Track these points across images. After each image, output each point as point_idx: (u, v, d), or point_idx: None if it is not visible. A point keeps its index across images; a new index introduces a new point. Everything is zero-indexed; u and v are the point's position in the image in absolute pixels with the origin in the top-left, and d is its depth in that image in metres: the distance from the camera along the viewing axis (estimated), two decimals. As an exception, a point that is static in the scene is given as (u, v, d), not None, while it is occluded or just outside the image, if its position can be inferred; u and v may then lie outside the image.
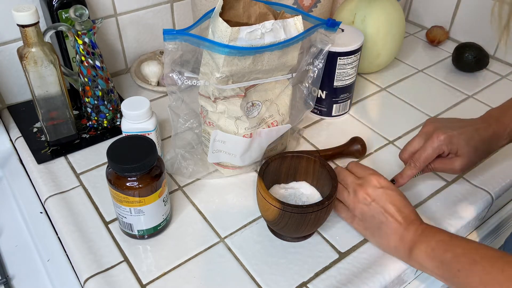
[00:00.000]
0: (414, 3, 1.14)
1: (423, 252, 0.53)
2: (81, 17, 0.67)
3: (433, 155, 0.63)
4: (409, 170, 0.64)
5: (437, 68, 0.98)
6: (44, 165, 0.71)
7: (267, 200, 0.55)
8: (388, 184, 0.59)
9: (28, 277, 0.58)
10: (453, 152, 0.63)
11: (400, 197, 0.58)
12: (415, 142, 0.65)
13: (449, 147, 0.62)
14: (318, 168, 0.62)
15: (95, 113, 0.76)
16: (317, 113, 0.83)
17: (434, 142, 0.62)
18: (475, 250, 0.49)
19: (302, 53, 0.67)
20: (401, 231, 0.55)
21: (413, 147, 0.65)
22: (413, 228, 0.55)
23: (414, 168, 0.64)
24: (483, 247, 0.50)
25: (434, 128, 0.64)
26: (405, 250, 0.55)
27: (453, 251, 0.50)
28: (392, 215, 0.56)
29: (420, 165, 0.63)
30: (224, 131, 0.65)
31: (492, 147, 0.64)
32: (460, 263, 0.49)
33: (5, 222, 0.65)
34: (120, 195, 0.55)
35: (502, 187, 0.70)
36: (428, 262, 0.52)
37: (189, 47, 0.60)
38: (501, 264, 0.46)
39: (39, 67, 0.66)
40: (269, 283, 0.56)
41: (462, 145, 0.62)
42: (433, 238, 0.53)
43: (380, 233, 0.57)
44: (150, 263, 0.58)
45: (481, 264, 0.47)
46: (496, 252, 0.49)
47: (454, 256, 0.50)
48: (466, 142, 0.62)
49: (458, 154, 0.63)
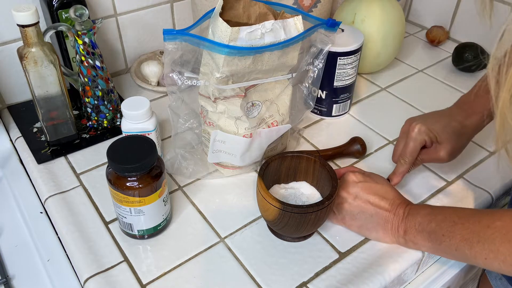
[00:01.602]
0: (414, 3, 1.14)
1: (413, 229, 0.55)
2: (81, 17, 0.67)
3: (416, 147, 0.65)
4: (400, 167, 0.66)
5: (437, 68, 0.98)
6: (44, 165, 0.71)
7: (267, 200, 0.55)
8: (365, 177, 0.60)
9: (28, 277, 0.58)
10: (434, 140, 0.65)
11: (380, 185, 0.59)
12: (399, 143, 0.68)
13: (429, 136, 0.64)
14: (318, 168, 0.62)
15: (95, 113, 0.76)
16: (317, 113, 0.83)
17: (412, 135, 0.65)
18: (453, 213, 0.53)
19: (302, 53, 0.67)
20: (392, 217, 0.57)
21: (398, 147, 0.67)
22: (401, 211, 0.57)
23: (404, 164, 0.65)
24: (460, 209, 0.54)
25: (410, 124, 0.66)
26: (399, 234, 0.57)
27: (435, 220, 0.53)
28: (378, 205, 0.58)
29: (408, 160, 0.65)
30: (224, 131, 0.65)
31: (474, 129, 0.65)
32: (442, 228, 0.52)
33: (5, 222, 0.65)
34: (120, 195, 0.55)
35: (502, 187, 0.70)
36: (418, 238, 0.55)
37: (189, 47, 0.60)
38: (477, 217, 0.50)
39: (39, 67, 0.66)
40: (269, 283, 0.56)
41: (440, 132, 0.64)
42: (418, 214, 0.56)
43: (375, 226, 0.59)
44: (150, 263, 0.58)
45: (460, 223, 0.51)
46: (472, 210, 0.53)
47: (437, 224, 0.53)
48: (443, 129, 0.64)
49: (439, 142, 0.64)
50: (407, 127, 0.67)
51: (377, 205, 0.58)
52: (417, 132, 0.64)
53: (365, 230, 0.60)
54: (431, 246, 0.54)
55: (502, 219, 0.47)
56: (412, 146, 0.65)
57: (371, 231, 0.59)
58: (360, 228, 0.60)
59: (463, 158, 0.74)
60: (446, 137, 0.64)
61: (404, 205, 0.58)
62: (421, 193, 0.68)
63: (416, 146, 0.65)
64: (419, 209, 0.56)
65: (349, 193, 0.59)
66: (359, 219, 0.59)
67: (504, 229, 0.47)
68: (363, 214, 0.59)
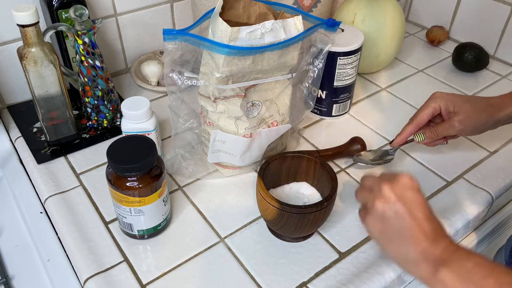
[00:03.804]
0: (414, 3, 1.14)
1: (456, 273, 0.44)
2: (81, 17, 0.67)
3: (427, 110, 0.65)
4: (406, 126, 0.66)
5: (437, 68, 0.98)
6: (44, 165, 0.71)
7: (266, 200, 0.55)
8: (420, 189, 0.50)
9: (28, 277, 0.58)
10: (451, 109, 0.64)
11: (430, 207, 0.49)
12: None
13: (446, 104, 0.64)
14: (319, 169, 0.61)
15: (95, 113, 0.76)
16: (317, 113, 0.83)
17: (429, 101, 0.65)
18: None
19: (302, 53, 0.67)
20: (427, 244, 0.46)
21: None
22: (443, 245, 0.46)
23: (410, 124, 0.66)
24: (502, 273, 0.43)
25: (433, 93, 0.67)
26: (428, 266, 0.46)
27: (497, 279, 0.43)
28: (418, 222, 0.47)
29: (417, 121, 0.66)
30: (224, 131, 0.65)
31: (495, 113, 0.64)
32: None
33: (5, 222, 0.65)
34: (120, 195, 0.55)
35: (502, 187, 0.70)
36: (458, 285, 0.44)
37: (189, 47, 0.60)
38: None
39: (39, 67, 0.66)
40: (269, 283, 0.56)
41: (458, 101, 0.64)
42: (468, 260, 0.45)
43: (399, 241, 0.48)
44: (150, 263, 0.58)
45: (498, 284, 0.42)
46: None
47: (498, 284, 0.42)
48: (463, 100, 0.64)
49: (455, 111, 0.64)
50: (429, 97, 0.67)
51: (418, 222, 0.47)
52: (433, 98, 0.65)
53: (385, 239, 0.50)
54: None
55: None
56: (423, 108, 0.65)
57: (392, 243, 0.49)
58: (382, 234, 0.50)
59: (463, 158, 0.74)
60: (463, 107, 0.62)
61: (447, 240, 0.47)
62: (421, 193, 0.68)
63: (428, 110, 0.65)
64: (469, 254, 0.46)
65: (395, 192, 0.48)
66: (387, 224, 0.49)
67: None
68: (394, 222, 0.48)
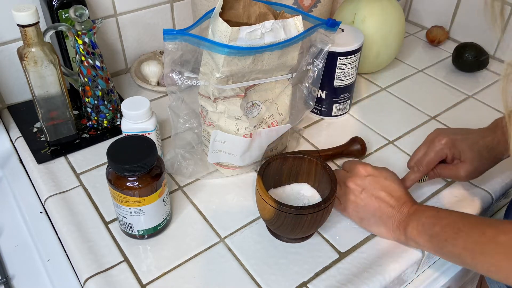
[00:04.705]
0: (414, 3, 1.14)
1: (415, 229, 0.55)
2: (81, 17, 0.67)
3: (435, 159, 0.63)
4: (412, 174, 0.64)
5: (437, 68, 0.98)
6: (44, 165, 0.71)
7: (264, 199, 0.55)
8: (375, 171, 0.60)
9: (28, 277, 0.58)
10: (457, 157, 0.63)
11: (389, 181, 0.59)
12: (420, 149, 0.66)
13: (452, 151, 0.63)
14: (320, 171, 0.61)
15: (95, 113, 0.76)
16: (317, 113, 0.83)
17: (436, 146, 0.63)
18: (459, 220, 0.52)
19: (302, 53, 0.67)
20: (395, 214, 0.57)
21: (418, 154, 0.65)
22: (406, 209, 0.57)
23: (417, 172, 0.64)
24: (466, 216, 0.53)
25: (437, 134, 0.64)
26: (401, 232, 0.57)
27: (440, 224, 0.53)
28: (384, 200, 0.58)
29: (423, 169, 0.64)
30: (224, 131, 0.65)
31: (498, 156, 0.63)
32: (446, 233, 0.51)
33: (5, 222, 0.65)
34: (120, 195, 0.55)
35: (502, 187, 0.70)
36: (420, 238, 0.54)
37: (189, 47, 0.60)
38: (482, 227, 0.49)
39: (39, 67, 0.66)
40: (269, 283, 0.56)
41: (465, 149, 0.62)
42: (423, 215, 0.55)
43: (377, 221, 0.59)
44: (150, 263, 0.58)
45: (464, 231, 0.50)
46: (478, 219, 0.51)
47: (441, 228, 0.52)
48: (470, 147, 0.62)
49: (462, 160, 0.62)
50: (433, 136, 0.65)
51: (384, 200, 0.58)
52: (441, 145, 0.63)
53: (366, 223, 0.60)
54: (432, 248, 0.54)
55: (507, 234, 0.46)
56: (431, 157, 0.63)
57: (372, 225, 0.60)
58: (362, 220, 0.60)
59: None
60: (470, 157, 0.61)
61: (409, 203, 0.57)
62: (421, 193, 0.68)
63: (435, 158, 0.63)
64: (424, 210, 0.56)
65: (356, 185, 0.59)
66: (362, 212, 0.59)
67: (508, 244, 0.45)
68: (367, 208, 0.59)
